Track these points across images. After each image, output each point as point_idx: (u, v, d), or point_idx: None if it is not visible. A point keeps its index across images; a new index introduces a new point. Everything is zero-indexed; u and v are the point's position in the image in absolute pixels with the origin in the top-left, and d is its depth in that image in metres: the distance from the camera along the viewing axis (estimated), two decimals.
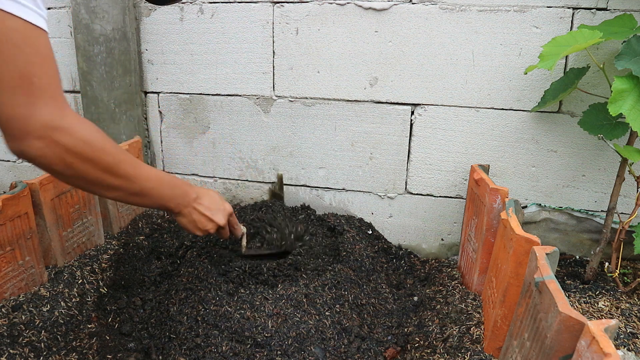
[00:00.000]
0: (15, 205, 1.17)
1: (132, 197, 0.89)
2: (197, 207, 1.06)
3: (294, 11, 1.58)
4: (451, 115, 1.55)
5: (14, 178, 2.13)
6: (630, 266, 1.48)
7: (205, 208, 1.08)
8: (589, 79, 1.40)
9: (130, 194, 0.87)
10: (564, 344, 0.70)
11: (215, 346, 1.12)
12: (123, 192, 0.86)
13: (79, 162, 0.75)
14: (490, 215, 1.23)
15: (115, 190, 0.84)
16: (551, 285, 0.77)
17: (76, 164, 0.74)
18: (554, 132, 1.48)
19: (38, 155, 0.70)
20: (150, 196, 0.92)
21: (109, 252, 1.51)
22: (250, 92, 1.71)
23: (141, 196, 0.90)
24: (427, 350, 1.16)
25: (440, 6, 1.46)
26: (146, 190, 0.90)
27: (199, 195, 1.07)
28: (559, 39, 1.21)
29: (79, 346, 1.18)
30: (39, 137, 0.69)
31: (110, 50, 1.71)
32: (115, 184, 0.83)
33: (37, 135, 0.68)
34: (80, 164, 0.75)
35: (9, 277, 1.18)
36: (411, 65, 1.53)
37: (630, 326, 1.15)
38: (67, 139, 0.72)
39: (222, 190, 1.86)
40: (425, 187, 1.64)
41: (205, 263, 1.37)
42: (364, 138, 1.64)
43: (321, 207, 1.77)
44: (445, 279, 1.47)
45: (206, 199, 1.09)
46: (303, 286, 1.28)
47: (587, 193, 1.51)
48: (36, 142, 0.69)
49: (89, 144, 0.75)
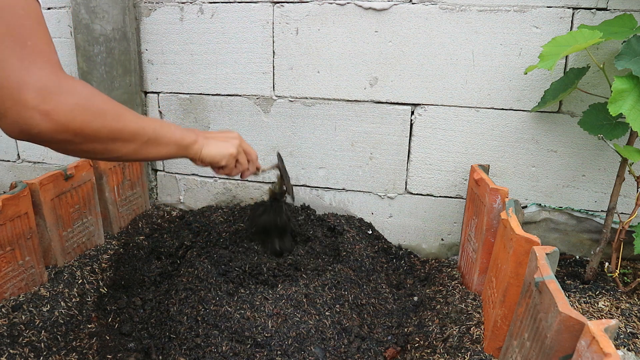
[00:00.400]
0: (15, 205, 1.17)
1: (148, 147, 0.82)
2: (209, 136, 1.02)
3: (294, 11, 1.58)
4: (451, 115, 1.55)
5: (14, 178, 2.13)
6: (630, 266, 1.48)
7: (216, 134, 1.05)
8: (589, 79, 1.40)
9: (145, 143, 0.81)
10: (564, 344, 0.70)
11: (215, 346, 1.12)
12: (138, 143, 0.79)
13: (88, 123, 0.68)
14: (490, 215, 1.23)
15: (130, 142, 0.77)
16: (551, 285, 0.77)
17: (86, 126, 0.67)
18: (554, 132, 1.48)
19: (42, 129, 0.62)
20: (164, 140, 0.86)
21: (109, 252, 1.51)
22: (250, 92, 1.71)
23: (156, 143, 0.84)
24: (427, 350, 1.16)
25: (440, 6, 1.46)
26: (159, 134, 0.84)
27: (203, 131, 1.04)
28: (559, 39, 1.21)
29: (79, 346, 1.18)
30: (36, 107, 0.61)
31: (110, 50, 1.71)
32: (128, 135, 0.76)
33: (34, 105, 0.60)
34: (89, 123, 0.68)
35: (9, 277, 1.18)
36: (411, 65, 1.53)
37: (630, 326, 1.15)
38: (70, 100, 0.64)
39: (222, 190, 1.86)
40: (425, 187, 1.64)
41: (205, 263, 1.37)
42: (364, 138, 1.64)
43: (321, 207, 1.77)
44: (445, 279, 1.47)
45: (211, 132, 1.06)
46: (303, 286, 1.28)
47: (587, 193, 1.51)
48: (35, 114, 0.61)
49: (92, 100, 0.69)
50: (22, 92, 0.59)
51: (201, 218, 1.71)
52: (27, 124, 0.61)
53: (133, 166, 1.70)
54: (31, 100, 0.60)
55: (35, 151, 2.05)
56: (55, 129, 0.63)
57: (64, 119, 0.64)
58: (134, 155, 0.80)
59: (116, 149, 0.76)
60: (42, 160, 2.06)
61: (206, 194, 1.89)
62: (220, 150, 1.02)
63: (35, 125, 0.61)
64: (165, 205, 1.94)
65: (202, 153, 0.98)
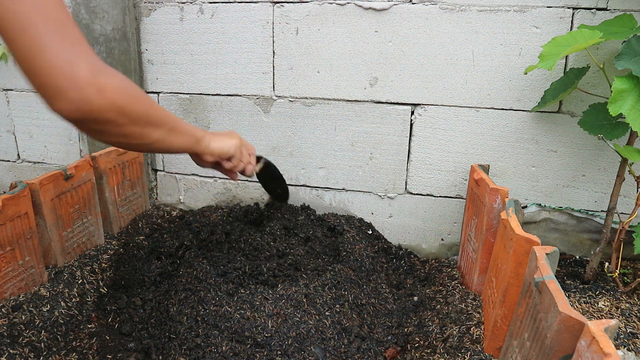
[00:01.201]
0: (15, 205, 1.17)
1: (172, 135, 0.86)
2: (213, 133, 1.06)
3: (294, 11, 1.58)
4: (451, 115, 1.55)
5: (14, 178, 2.13)
6: (630, 266, 1.48)
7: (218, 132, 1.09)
8: (589, 79, 1.40)
9: (170, 130, 0.85)
10: (564, 344, 0.70)
11: (215, 346, 1.12)
12: (165, 129, 0.83)
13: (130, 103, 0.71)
14: (490, 215, 1.23)
15: (159, 128, 0.81)
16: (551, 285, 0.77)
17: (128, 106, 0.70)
18: (554, 132, 1.48)
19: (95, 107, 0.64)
20: (184, 130, 0.91)
21: (109, 252, 1.51)
22: (250, 92, 1.71)
23: (177, 131, 0.88)
24: (427, 350, 1.16)
25: (440, 6, 1.46)
26: (178, 124, 0.89)
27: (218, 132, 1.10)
28: (559, 39, 1.21)
29: (79, 346, 1.18)
30: (89, 85, 0.63)
31: (110, 50, 1.71)
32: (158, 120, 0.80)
33: (87, 83, 0.63)
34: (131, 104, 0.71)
35: (9, 277, 1.18)
36: (411, 65, 1.53)
37: (630, 326, 1.15)
38: (113, 80, 0.67)
39: (222, 190, 1.86)
40: (425, 187, 1.64)
41: (204, 264, 1.37)
42: (364, 138, 1.64)
43: (321, 207, 1.77)
44: (445, 279, 1.47)
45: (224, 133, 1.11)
46: (303, 286, 1.28)
47: (587, 193, 1.51)
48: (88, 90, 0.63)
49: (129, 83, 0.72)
50: (75, 70, 0.62)
51: (201, 218, 1.71)
52: (82, 100, 0.63)
53: (133, 166, 1.70)
54: (85, 77, 0.62)
55: (35, 151, 2.05)
56: (106, 106, 0.66)
57: (112, 97, 0.66)
58: (161, 143, 0.83)
59: (149, 134, 0.79)
60: (42, 160, 2.06)
61: (206, 194, 1.89)
62: (227, 142, 1.07)
63: (90, 101, 0.63)
64: (165, 205, 1.94)
65: (211, 145, 1.02)
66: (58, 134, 1.99)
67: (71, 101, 0.62)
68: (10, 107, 2.01)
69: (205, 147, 1.01)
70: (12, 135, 2.06)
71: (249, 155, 1.18)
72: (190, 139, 0.94)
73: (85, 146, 1.96)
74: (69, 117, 0.64)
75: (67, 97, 0.62)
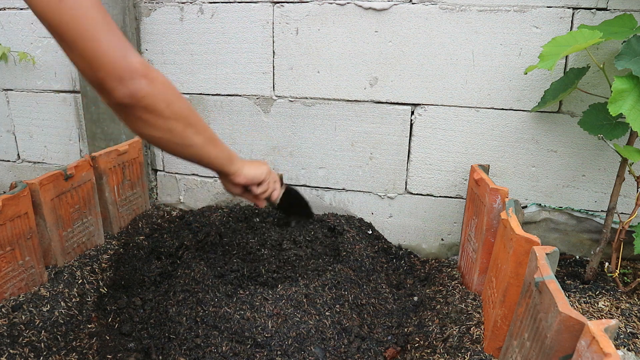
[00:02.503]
0: (15, 205, 1.17)
1: (210, 145, 0.90)
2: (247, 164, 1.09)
3: (294, 11, 1.58)
4: (451, 115, 1.55)
5: (14, 178, 2.13)
6: (630, 266, 1.48)
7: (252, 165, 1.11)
8: (589, 79, 1.40)
9: (209, 139, 0.89)
10: (564, 344, 0.70)
11: (215, 346, 1.12)
12: (205, 137, 0.87)
13: (175, 99, 0.78)
14: (490, 215, 1.23)
15: (200, 133, 0.86)
16: (551, 285, 0.77)
17: (174, 101, 0.77)
18: (554, 132, 1.48)
19: (147, 93, 0.73)
20: (220, 144, 0.94)
21: (109, 252, 1.51)
22: (250, 92, 1.71)
23: (215, 144, 0.92)
24: (427, 350, 1.16)
25: (440, 6, 1.46)
26: (216, 137, 0.92)
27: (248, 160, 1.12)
28: (559, 39, 1.21)
29: (79, 346, 1.18)
30: (143, 75, 0.72)
31: None
32: (200, 125, 0.85)
33: (141, 73, 0.72)
34: (176, 101, 0.78)
35: (9, 277, 1.18)
36: (411, 65, 1.53)
37: (630, 326, 1.15)
38: (160, 75, 0.75)
39: (222, 190, 1.86)
40: (425, 187, 1.64)
41: (201, 265, 1.37)
42: (364, 138, 1.64)
43: (321, 207, 1.77)
44: (445, 279, 1.47)
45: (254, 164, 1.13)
46: (303, 286, 1.28)
47: (587, 193, 1.51)
48: (142, 80, 0.72)
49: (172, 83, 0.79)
50: (132, 62, 0.71)
51: (201, 218, 1.71)
52: (137, 87, 0.72)
53: (133, 166, 1.70)
54: (139, 69, 0.72)
55: (35, 151, 2.05)
56: (155, 95, 0.74)
57: (162, 88, 0.75)
58: (200, 149, 0.88)
59: (190, 136, 0.84)
60: (42, 160, 2.06)
61: (206, 194, 1.89)
62: (259, 168, 1.11)
63: (142, 88, 0.72)
64: (165, 205, 1.94)
65: (244, 168, 1.06)
66: (58, 134, 1.99)
67: (127, 88, 0.71)
68: (10, 107, 2.01)
69: (239, 168, 1.04)
70: (12, 135, 2.06)
71: (274, 182, 1.20)
72: (226, 155, 0.98)
73: (85, 146, 1.96)
74: (123, 102, 0.72)
75: (125, 85, 0.71)
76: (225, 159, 0.98)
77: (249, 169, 1.07)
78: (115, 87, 0.71)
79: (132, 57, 0.71)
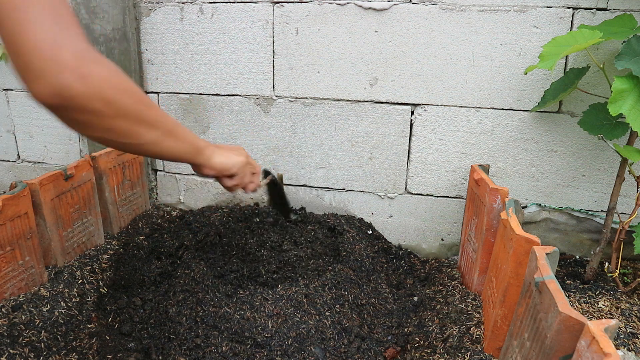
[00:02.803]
0: (15, 205, 1.17)
1: (168, 139, 0.79)
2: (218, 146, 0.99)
3: (294, 11, 1.58)
4: (451, 115, 1.55)
5: (14, 178, 2.13)
6: (630, 266, 1.48)
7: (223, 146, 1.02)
8: (589, 79, 1.40)
9: (166, 133, 0.78)
10: (564, 344, 0.70)
11: (215, 346, 1.12)
12: (161, 131, 0.77)
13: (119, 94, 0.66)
14: (490, 215, 1.23)
15: (153, 129, 0.75)
16: (551, 285, 0.77)
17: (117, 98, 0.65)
18: (554, 132, 1.48)
19: (77, 93, 0.60)
20: (182, 136, 0.84)
21: (109, 252, 1.51)
22: (250, 92, 1.71)
23: (175, 137, 0.81)
24: (427, 350, 1.16)
25: (440, 6, 1.46)
26: (177, 129, 0.82)
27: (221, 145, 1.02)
28: (559, 39, 1.21)
29: (79, 346, 1.18)
30: (72, 70, 0.58)
31: (110, 51, 1.71)
32: (152, 120, 0.74)
33: (70, 67, 0.58)
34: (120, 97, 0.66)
35: (9, 277, 1.18)
36: (411, 65, 1.53)
37: (630, 326, 1.15)
38: (102, 69, 0.62)
39: (222, 190, 1.86)
40: (425, 187, 1.64)
41: (201, 265, 1.37)
42: (364, 138, 1.64)
43: (321, 207, 1.77)
44: (445, 279, 1.47)
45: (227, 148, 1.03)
46: (303, 286, 1.28)
47: (587, 193, 1.51)
48: (70, 76, 0.58)
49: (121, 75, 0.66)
50: (60, 52, 0.58)
51: (201, 218, 1.71)
52: (63, 85, 0.58)
53: (133, 166, 1.70)
54: (69, 61, 0.58)
55: (35, 151, 2.05)
56: (89, 94, 0.61)
57: (98, 85, 0.62)
58: (155, 145, 0.78)
59: (140, 133, 0.73)
60: (42, 160, 2.06)
61: (206, 194, 1.89)
62: (231, 158, 1.00)
63: (70, 86, 0.59)
64: (165, 205, 1.94)
65: (213, 159, 0.96)
66: (58, 134, 1.99)
67: (49, 85, 0.58)
68: (10, 107, 2.01)
69: (206, 159, 0.94)
70: (12, 135, 2.06)
71: (252, 175, 1.11)
72: (190, 147, 0.88)
73: (85, 146, 1.96)
74: (46, 102, 0.60)
75: (46, 80, 0.58)
76: (189, 152, 0.88)
77: (218, 159, 0.97)
78: (33, 83, 0.58)
79: (64, 48, 0.58)
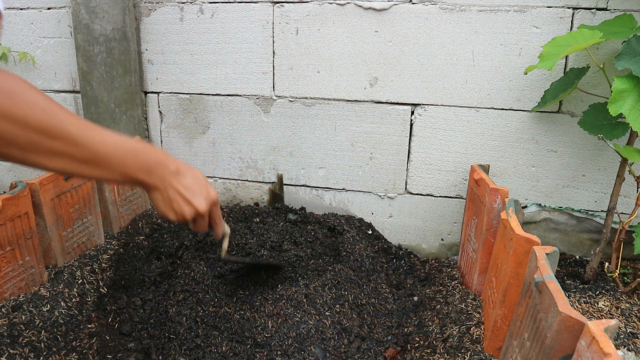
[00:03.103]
0: (15, 205, 1.17)
1: (84, 167, 0.70)
2: (175, 184, 0.83)
3: (294, 11, 1.58)
4: (451, 115, 1.55)
5: (14, 178, 2.13)
6: (630, 266, 1.48)
7: (184, 187, 0.84)
8: (589, 79, 1.40)
9: (79, 161, 0.68)
10: (564, 344, 0.70)
11: (215, 346, 1.12)
12: (69, 160, 0.67)
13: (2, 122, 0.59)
14: (490, 215, 1.23)
15: (58, 157, 0.66)
16: (551, 285, 0.77)
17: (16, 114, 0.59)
18: (554, 132, 1.48)
19: None
20: (107, 165, 0.72)
21: (109, 252, 1.51)
22: (250, 92, 1.71)
23: (95, 165, 0.70)
24: (427, 350, 1.16)
25: (440, 6, 1.46)
26: (101, 157, 0.70)
27: (180, 170, 0.84)
28: (559, 39, 1.21)
29: (79, 346, 1.18)
30: None
31: (110, 50, 1.71)
32: (56, 148, 0.65)
33: None
34: (4, 124, 0.59)
35: (9, 277, 1.18)
36: (411, 65, 1.53)
37: (630, 326, 1.15)
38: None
39: (222, 190, 1.86)
40: (425, 187, 1.64)
41: (201, 265, 1.37)
42: (364, 138, 1.64)
43: (321, 207, 1.77)
44: (445, 279, 1.47)
45: (189, 177, 0.85)
46: (303, 286, 1.28)
47: (587, 193, 1.51)
48: None
49: (12, 97, 0.59)
50: None
51: None
52: None
53: None
54: None
55: None
56: None
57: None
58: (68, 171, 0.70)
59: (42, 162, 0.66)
60: None
61: None
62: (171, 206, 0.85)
63: None
64: None
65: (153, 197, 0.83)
66: None
67: None
68: None
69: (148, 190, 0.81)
70: None
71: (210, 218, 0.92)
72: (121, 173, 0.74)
73: None
74: None
75: None
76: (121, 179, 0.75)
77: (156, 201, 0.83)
78: None
79: None
